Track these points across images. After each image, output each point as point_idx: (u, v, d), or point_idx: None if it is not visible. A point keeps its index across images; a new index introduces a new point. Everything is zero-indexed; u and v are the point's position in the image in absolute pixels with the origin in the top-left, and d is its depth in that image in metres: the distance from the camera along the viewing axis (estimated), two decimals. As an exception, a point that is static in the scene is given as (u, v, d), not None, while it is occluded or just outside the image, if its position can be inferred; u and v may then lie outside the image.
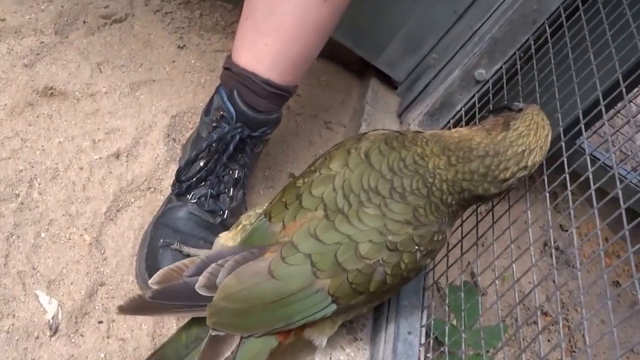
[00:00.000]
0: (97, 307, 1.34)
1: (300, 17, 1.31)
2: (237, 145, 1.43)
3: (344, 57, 2.09)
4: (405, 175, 1.15)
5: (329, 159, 1.21)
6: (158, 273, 1.16)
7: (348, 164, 1.18)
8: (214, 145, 1.42)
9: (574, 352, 1.95)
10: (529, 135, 1.14)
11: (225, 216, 1.46)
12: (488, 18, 1.75)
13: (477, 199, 1.19)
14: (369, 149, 1.19)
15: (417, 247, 1.14)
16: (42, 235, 1.38)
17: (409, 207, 1.14)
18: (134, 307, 1.14)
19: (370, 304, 1.24)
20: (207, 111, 1.48)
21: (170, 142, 1.64)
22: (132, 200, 1.51)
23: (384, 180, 1.15)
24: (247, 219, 1.28)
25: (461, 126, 1.67)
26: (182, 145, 1.63)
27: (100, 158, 1.53)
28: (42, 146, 1.49)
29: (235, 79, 1.39)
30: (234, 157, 1.45)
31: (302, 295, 1.12)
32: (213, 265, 1.14)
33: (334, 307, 1.14)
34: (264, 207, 1.26)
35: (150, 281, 1.16)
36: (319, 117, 1.96)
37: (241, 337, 1.14)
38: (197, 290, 1.12)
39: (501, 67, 1.68)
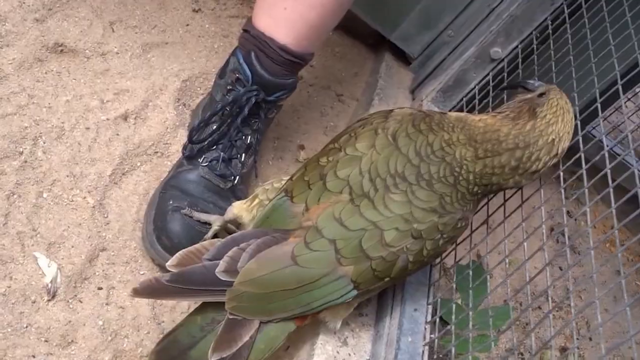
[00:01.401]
0: (97, 273, 1.32)
1: None
2: (252, 109, 1.41)
3: (360, 30, 2.07)
4: (433, 162, 1.12)
5: (355, 137, 1.17)
6: (176, 255, 1.13)
7: (375, 146, 1.14)
8: (228, 108, 1.40)
9: (578, 338, 1.94)
10: (557, 122, 1.10)
11: (235, 182, 1.44)
12: (504, -4, 1.72)
13: (504, 188, 1.17)
14: (396, 131, 1.16)
15: (440, 235, 1.13)
16: (44, 195, 1.36)
17: (435, 195, 1.12)
18: (150, 290, 1.10)
19: (386, 286, 1.22)
20: (221, 74, 1.46)
21: (180, 107, 1.62)
22: (138, 164, 1.49)
23: (411, 165, 1.12)
24: (264, 193, 1.26)
25: (474, 105, 1.66)
26: (191, 111, 1.61)
27: (107, 119, 1.51)
28: (49, 103, 1.47)
29: (252, 42, 1.37)
30: (248, 121, 1.43)
31: (325, 282, 1.10)
32: (234, 249, 1.11)
33: (354, 293, 1.13)
34: (282, 182, 1.24)
35: (167, 264, 1.12)
36: (331, 89, 1.94)
37: (260, 322, 1.12)
38: (218, 275, 1.09)
39: (517, 46, 1.65)
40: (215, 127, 1.43)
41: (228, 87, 1.42)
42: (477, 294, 1.31)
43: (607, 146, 1.14)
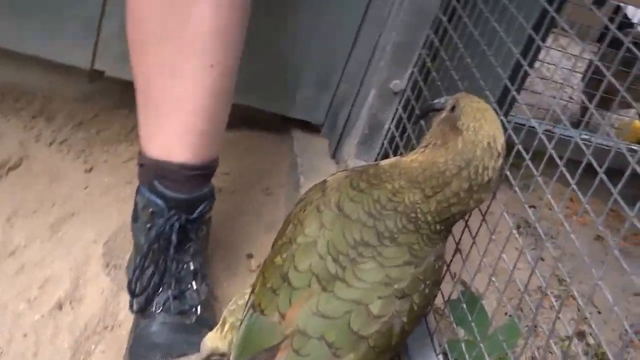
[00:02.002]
0: None
1: (193, 87, 1.26)
2: (180, 235, 1.34)
3: (260, 119, 2.02)
4: (387, 217, 1.05)
5: (300, 223, 1.10)
6: None
7: (324, 224, 1.07)
8: (155, 245, 1.33)
9: (586, 318, 1.89)
10: (482, 125, 1.04)
11: (199, 312, 1.36)
12: (383, 29, 1.70)
13: (468, 212, 1.10)
14: (339, 200, 1.08)
15: (424, 284, 1.06)
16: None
17: (403, 248, 1.05)
18: None
19: (391, 357, 1.13)
20: (135, 218, 1.40)
21: (112, 271, 1.53)
22: (93, 347, 1.37)
23: (368, 228, 1.05)
24: (232, 315, 1.18)
25: (397, 143, 1.61)
26: (125, 269, 1.52)
27: (42, 316, 1.39)
28: (-25, 329, 1.35)
29: (151, 172, 1.32)
30: (181, 248, 1.36)
31: None
32: None
33: None
34: (245, 298, 1.16)
35: None
36: (256, 187, 1.87)
37: None
38: None
39: (413, 71, 1.62)
40: (151, 269, 1.34)
41: (147, 226, 1.35)
42: (480, 321, 1.24)
43: (540, 127, 1.09)
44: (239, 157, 1.96)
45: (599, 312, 1.91)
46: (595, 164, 0.93)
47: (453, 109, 1.09)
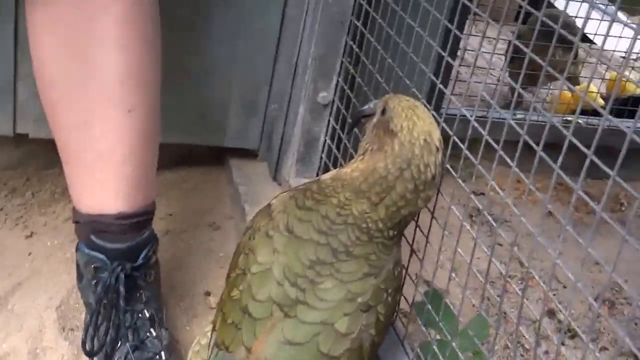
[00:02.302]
0: None
1: (115, 137, 1.24)
2: (128, 284, 1.30)
3: (195, 154, 2.00)
4: (339, 231, 1.03)
5: (252, 252, 1.07)
6: None
7: (276, 249, 1.04)
8: (104, 300, 1.29)
9: (555, 294, 1.91)
10: (415, 122, 1.03)
11: (163, 358, 1.33)
12: (300, 44, 1.69)
13: (417, 212, 1.09)
14: (287, 222, 1.06)
15: (386, 293, 1.05)
16: None
17: (360, 260, 1.03)
18: None
19: None
20: (79, 277, 1.37)
21: (69, 334, 1.47)
22: (61, 414, 1.32)
23: (321, 246, 1.03)
24: (197, 356, 1.14)
25: (335, 156, 1.60)
26: (83, 330, 1.45)
27: (4, 394, 1.33)
28: None
29: (87, 228, 1.30)
30: (132, 297, 1.33)
31: None
32: None
33: None
34: (208, 336, 1.12)
35: None
36: (202, 224, 1.84)
37: None
38: None
39: (338, 81, 1.61)
40: (105, 326, 1.30)
41: (93, 283, 1.31)
42: (448, 319, 1.23)
43: (471, 116, 1.09)
44: (180, 197, 1.92)
45: (565, 287, 1.92)
46: (531, 142, 0.93)
47: (383, 112, 1.08)
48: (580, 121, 2.36)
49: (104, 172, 1.26)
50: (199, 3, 1.66)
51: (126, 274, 1.29)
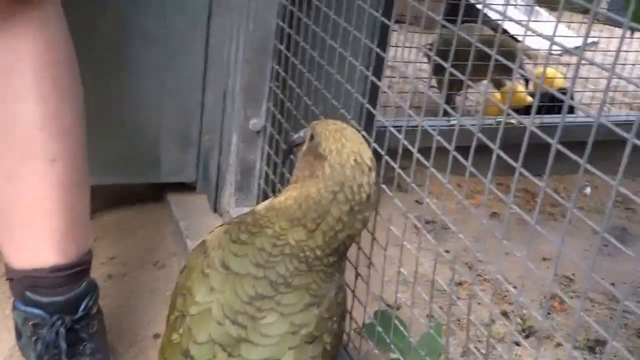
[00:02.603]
0: None
1: (42, 188, 1.20)
2: (70, 338, 1.26)
3: (132, 193, 1.96)
4: (276, 263, 1.01)
5: (189, 292, 1.03)
6: None
7: (213, 287, 1.01)
8: (45, 356, 1.25)
9: (506, 296, 1.92)
10: (344, 144, 1.01)
11: None
12: (227, 72, 1.67)
13: (357, 234, 1.07)
14: (223, 258, 1.03)
15: (331, 321, 1.03)
16: None
17: (300, 291, 1.00)
18: None
19: None
20: (18, 336, 1.31)
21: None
22: None
23: (260, 280, 1.00)
24: None
25: (273, 182, 1.58)
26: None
27: None
28: None
29: (21, 284, 1.25)
30: (76, 351, 1.28)
31: None
32: None
33: None
34: None
35: None
36: (146, 264, 1.80)
37: None
38: None
39: (268, 106, 1.60)
40: None
41: (32, 340, 1.26)
42: (400, 338, 1.21)
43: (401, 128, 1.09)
44: (121, 238, 1.87)
45: (515, 287, 1.93)
46: (446, 147, 0.93)
47: (312, 138, 1.06)
48: (512, 121, 2.40)
49: (33, 225, 1.22)
50: (119, 42, 1.63)
51: (67, 327, 1.25)
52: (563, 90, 2.62)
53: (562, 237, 0.71)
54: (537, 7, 3.78)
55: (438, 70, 2.44)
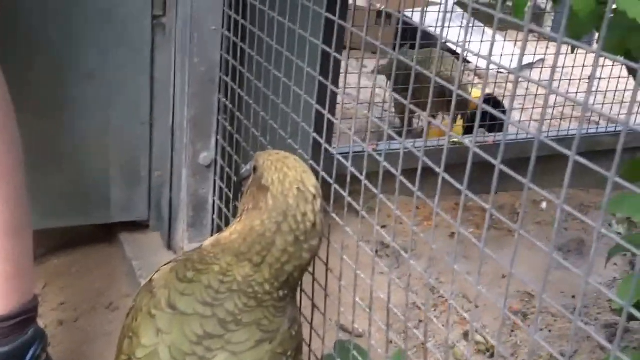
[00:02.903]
0: None
1: None
2: None
3: (82, 235, 1.90)
4: (225, 300, 0.97)
5: (135, 335, 0.99)
6: None
7: (160, 329, 0.97)
8: None
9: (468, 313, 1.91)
10: (286, 173, 0.99)
11: None
12: (173, 106, 1.64)
13: (307, 266, 1.04)
14: (169, 298, 0.99)
15: (285, 357, 1.00)
16: None
17: (251, 327, 0.97)
18: None
19: None
20: None
21: None
22: None
23: (208, 319, 0.96)
24: None
25: (227, 216, 1.56)
26: None
27: None
28: None
29: None
30: None
31: None
32: None
33: None
34: None
35: None
36: (99, 307, 1.74)
37: None
38: None
39: (217, 139, 1.57)
40: None
41: None
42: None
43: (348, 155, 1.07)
44: (72, 282, 1.81)
45: (477, 307, 1.93)
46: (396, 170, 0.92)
47: (255, 169, 1.04)
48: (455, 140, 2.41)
49: None
50: (60, 80, 1.59)
51: None
52: (503, 110, 2.64)
53: (511, 259, 0.70)
54: (485, 27, 3.84)
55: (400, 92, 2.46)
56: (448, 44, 1.96)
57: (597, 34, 1.10)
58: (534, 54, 2.82)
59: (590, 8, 0.84)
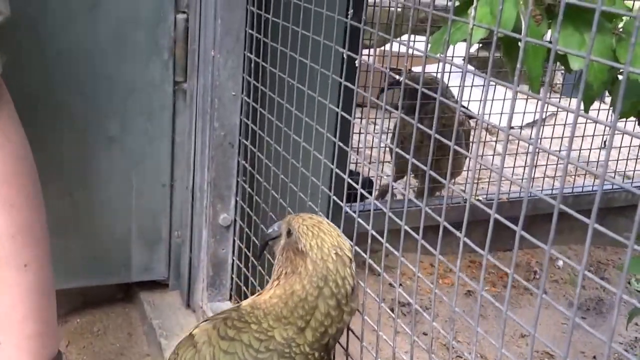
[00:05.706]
0: None
1: (13, 294, 1.20)
2: None
3: (103, 295, 1.92)
4: (264, 359, 1.01)
5: None
6: None
7: None
8: None
9: None
10: (323, 239, 1.03)
11: None
12: (194, 169, 1.68)
13: (345, 326, 1.07)
14: (213, 355, 1.03)
15: None
16: None
17: None
18: None
19: None
20: None
21: None
22: None
23: None
24: None
25: (245, 275, 1.58)
26: None
27: None
28: None
29: None
30: None
31: None
32: None
33: None
34: None
35: None
36: (118, 367, 1.74)
37: None
38: None
39: (237, 200, 1.60)
40: None
41: None
42: None
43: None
44: (92, 342, 1.83)
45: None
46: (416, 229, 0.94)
47: (289, 233, 1.07)
48: (480, 198, 2.44)
49: (6, 333, 1.21)
50: (84, 147, 1.64)
51: None
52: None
53: (535, 321, 0.72)
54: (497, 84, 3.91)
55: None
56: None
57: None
58: (545, 111, 2.85)
59: (603, 79, 0.88)
